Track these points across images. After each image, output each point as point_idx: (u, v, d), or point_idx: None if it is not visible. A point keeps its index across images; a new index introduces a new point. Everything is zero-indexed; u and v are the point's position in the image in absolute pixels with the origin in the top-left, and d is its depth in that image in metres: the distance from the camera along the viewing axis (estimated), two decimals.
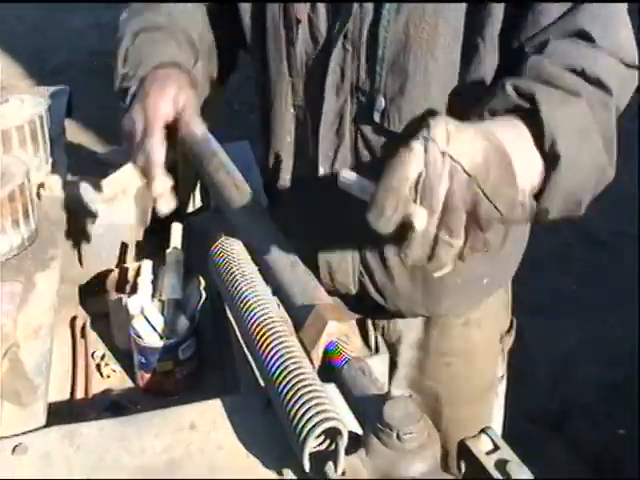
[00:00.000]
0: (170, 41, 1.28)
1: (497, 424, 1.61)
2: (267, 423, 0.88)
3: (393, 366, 1.45)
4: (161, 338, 1.13)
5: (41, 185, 1.40)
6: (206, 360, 1.18)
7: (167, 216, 1.42)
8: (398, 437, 0.76)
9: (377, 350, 1.44)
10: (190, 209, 1.53)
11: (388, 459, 0.76)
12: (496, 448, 0.83)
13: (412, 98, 1.13)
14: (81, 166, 1.67)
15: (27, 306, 1.13)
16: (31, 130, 1.44)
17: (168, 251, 1.22)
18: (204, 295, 1.18)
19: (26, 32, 5.00)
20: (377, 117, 1.16)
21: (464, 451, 0.84)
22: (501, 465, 0.81)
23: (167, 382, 1.13)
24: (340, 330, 0.91)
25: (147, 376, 1.13)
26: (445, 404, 1.47)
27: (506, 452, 0.83)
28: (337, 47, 1.15)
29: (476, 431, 0.85)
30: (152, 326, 1.13)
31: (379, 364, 1.27)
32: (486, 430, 0.85)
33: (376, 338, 1.44)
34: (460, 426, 1.46)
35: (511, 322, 1.52)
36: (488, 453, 0.83)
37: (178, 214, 1.45)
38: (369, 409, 0.81)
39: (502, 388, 1.59)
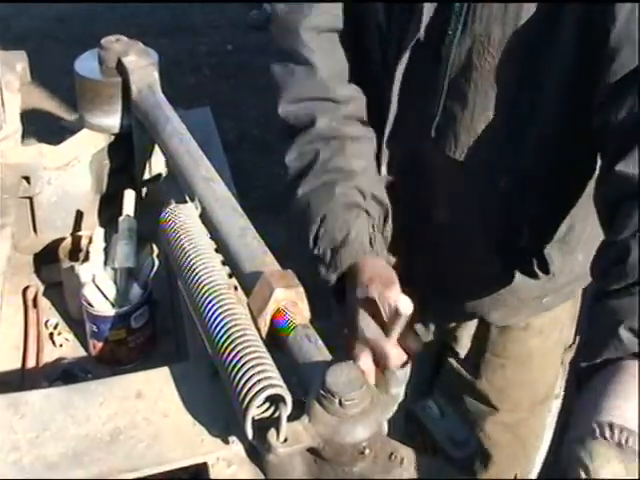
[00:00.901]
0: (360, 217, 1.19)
1: (544, 443, 1.58)
2: (214, 391, 0.87)
3: (444, 362, 1.46)
4: (113, 306, 1.12)
5: None
6: (160, 329, 1.17)
7: (121, 183, 1.42)
8: (340, 403, 0.76)
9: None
10: (146, 176, 1.52)
11: (330, 425, 0.76)
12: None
13: (469, 125, 1.13)
14: (44, 133, 1.64)
15: None
16: None
17: (121, 219, 1.20)
18: (157, 263, 1.16)
19: None
20: (433, 133, 1.16)
21: None
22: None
23: (120, 351, 1.12)
24: (288, 297, 0.90)
25: (99, 345, 1.12)
26: (494, 408, 1.46)
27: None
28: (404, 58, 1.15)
29: (522, 442, 0.82)
30: (104, 294, 1.12)
31: None
32: None
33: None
34: (508, 433, 1.47)
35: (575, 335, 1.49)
36: None
37: (133, 181, 1.43)
38: (313, 376, 0.81)
39: (556, 406, 1.56)
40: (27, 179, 1.34)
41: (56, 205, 1.38)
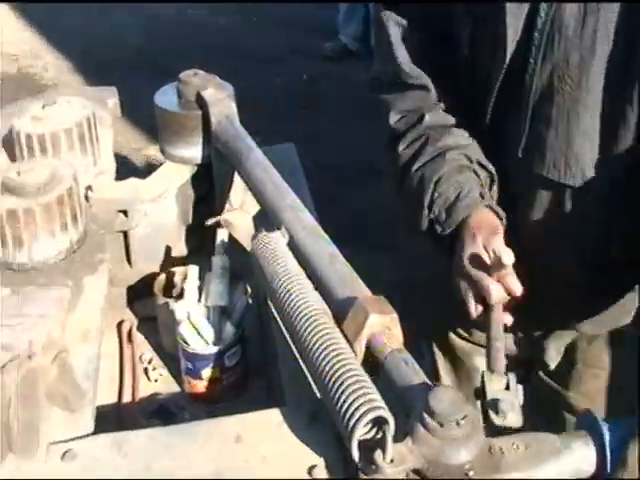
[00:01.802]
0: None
1: None
2: (312, 437, 0.88)
3: (532, 376, 1.47)
4: (207, 345, 1.13)
5: (89, 187, 1.41)
6: (251, 368, 1.18)
7: (203, 213, 1.45)
8: (444, 425, 0.78)
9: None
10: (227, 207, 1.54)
11: (434, 447, 0.78)
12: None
13: (554, 146, 1.20)
14: (126, 164, 1.69)
15: (76, 310, 1.14)
16: (79, 132, 1.45)
17: (214, 257, 1.22)
18: (250, 302, 1.18)
19: (74, 28, 5.06)
20: (520, 153, 1.24)
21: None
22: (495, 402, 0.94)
23: (213, 389, 1.14)
24: (382, 322, 0.92)
25: (193, 382, 1.14)
26: None
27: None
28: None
29: None
30: (199, 332, 1.14)
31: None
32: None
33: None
34: None
35: None
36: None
37: (213, 212, 1.46)
38: (414, 398, 0.83)
39: None
40: (124, 213, 1.37)
41: (149, 237, 1.42)
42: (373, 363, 0.91)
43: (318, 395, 0.91)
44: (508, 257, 1.11)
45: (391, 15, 1.34)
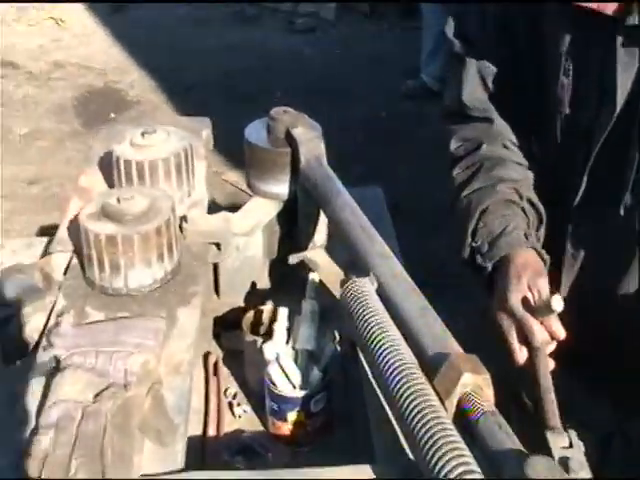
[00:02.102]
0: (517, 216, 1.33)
1: None
2: None
3: (613, 451, 1.45)
4: (294, 388, 1.14)
5: (183, 218, 1.44)
6: (335, 414, 1.19)
7: (286, 249, 1.47)
8: None
9: None
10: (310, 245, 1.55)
11: None
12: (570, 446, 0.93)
13: None
14: (210, 190, 1.72)
15: (168, 341, 1.16)
16: (176, 163, 1.48)
17: (304, 301, 1.24)
18: (338, 349, 1.19)
19: (162, 47, 5.20)
20: (622, 211, 1.24)
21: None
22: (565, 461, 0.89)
23: (298, 433, 1.15)
24: (475, 382, 0.92)
25: (278, 424, 1.15)
26: None
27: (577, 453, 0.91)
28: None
29: None
30: (287, 375, 1.15)
31: None
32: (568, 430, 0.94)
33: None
34: None
35: None
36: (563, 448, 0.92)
37: (296, 249, 1.47)
38: (507, 465, 0.83)
39: None
40: (217, 245, 1.40)
41: (238, 270, 1.44)
42: (463, 423, 0.90)
43: (409, 452, 0.91)
44: (558, 303, 1.11)
45: (470, 51, 1.38)
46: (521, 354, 1.19)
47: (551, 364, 1.17)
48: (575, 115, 1.27)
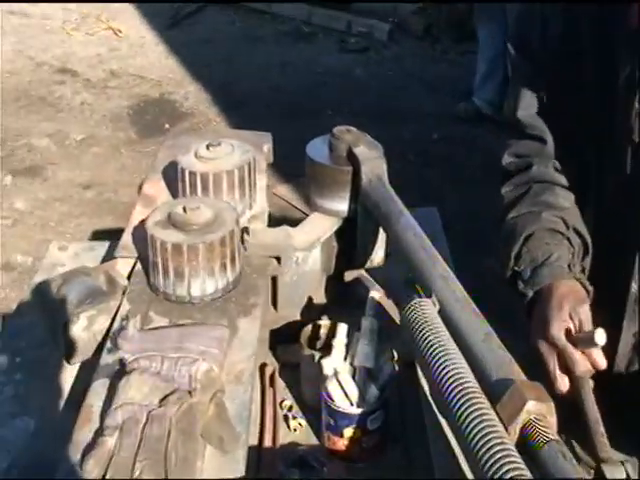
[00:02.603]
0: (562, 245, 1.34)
1: None
2: None
3: None
4: (352, 404, 1.16)
5: (245, 230, 1.47)
6: (390, 432, 1.20)
7: (343, 266, 1.48)
8: None
9: None
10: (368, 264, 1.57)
11: None
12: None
13: None
14: None
15: (230, 351, 1.18)
16: (240, 176, 1.51)
17: (364, 318, 1.25)
18: (396, 368, 1.20)
19: (216, 61, 5.28)
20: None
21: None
22: None
23: (353, 449, 1.16)
24: (539, 410, 0.92)
25: (334, 439, 1.16)
26: None
27: None
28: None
29: None
30: (344, 391, 1.16)
31: None
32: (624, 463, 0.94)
33: None
34: None
35: None
36: None
37: (353, 267, 1.49)
38: None
39: None
40: (277, 259, 1.42)
41: (296, 284, 1.46)
42: (527, 451, 0.90)
43: (469, 473, 0.91)
44: (601, 337, 1.11)
45: (530, 68, 1.39)
46: (563, 382, 1.19)
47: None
48: (600, 172, 1.29)
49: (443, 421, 1.02)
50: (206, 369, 1.09)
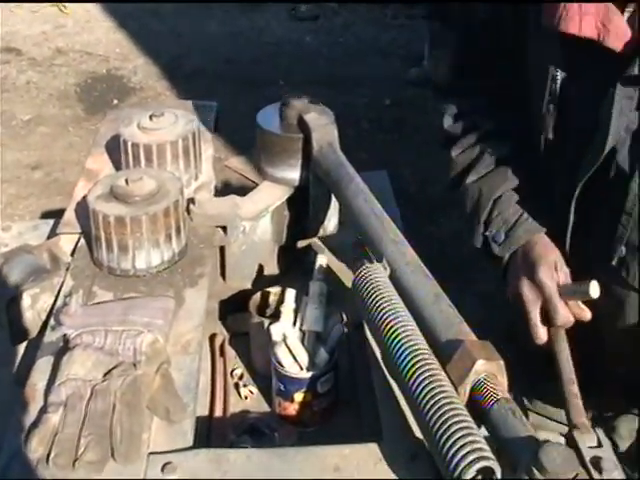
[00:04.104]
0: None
1: None
2: (411, 475, 0.88)
3: None
4: (301, 369, 1.15)
5: (191, 201, 1.45)
6: (341, 395, 1.19)
7: (296, 235, 1.47)
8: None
9: None
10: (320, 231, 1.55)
11: None
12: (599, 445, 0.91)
13: None
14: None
15: (177, 322, 1.17)
16: (184, 146, 1.48)
17: (312, 282, 1.24)
18: (345, 331, 1.19)
19: (165, 34, 5.18)
20: (615, 262, 1.20)
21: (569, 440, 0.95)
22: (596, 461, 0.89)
23: (304, 413, 1.15)
24: (488, 369, 0.92)
25: (285, 404, 1.16)
26: None
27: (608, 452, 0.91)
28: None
29: None
30: (293, 356, 1.15)
31: None
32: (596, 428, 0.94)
33: None
34: None
35: None
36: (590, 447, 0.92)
37: (306, 235, 1.48)
38: (521, 452, 0.82)
39: None
40: (224, 229, 1.40)
41: (244, 254, 1.44)
42: (476, 410, 0.90)
43: (420, 435, 0.91)
44: (595, 290, 1.11)
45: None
46: (543, 331, 1.19)
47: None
48: (560, 144, 1.24)
49: (393, 382, 1.01)
50: (151, 340, 1.08)
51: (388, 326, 0.98)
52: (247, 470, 0.90)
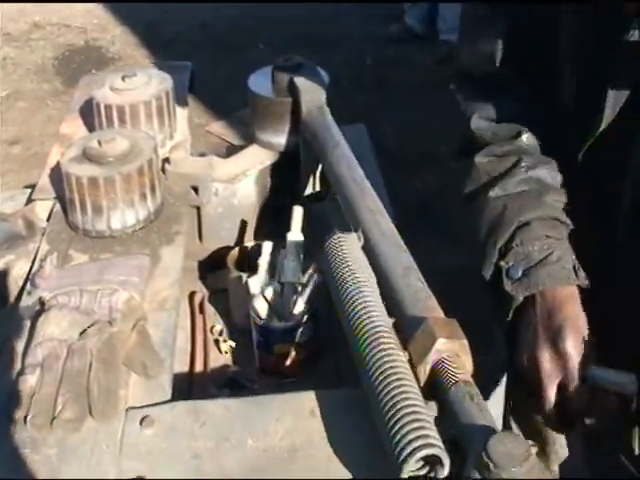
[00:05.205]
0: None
1: None
2: None
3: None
4: (280, 320, 1.14)
5: (166, 160, 1.43)
6: (321, 344, 1.19)
7: (284, 200, 1.44)
8: (502, 476, 0.70)
9: None
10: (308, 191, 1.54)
11: None
12: None
13: None
14: (195, 141, 1.69)
15: (153, 279, 1.16)
16: (158, 106, 1.46)
17: (289, 234, 1.23)
18: (321, 280, 1.18)
19: (142, 2, 5.11)
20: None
21: None
22: None
23: (284, 364, 1.15)
24: (450, 348, 0.86)
25: (265, 356, 1.16)
26: None
27: None
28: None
29: None
30: (272, 307, 1.15)
31: None
32: None
33: None
34: None
35: None
36: None
37: (297, 197, 1.46)
38: (473, 440, 0.75)
39: None
40: (195, 189, 1.39)
41: (221, 216, 1.42)
42: (436, 392, 0.85)
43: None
44: (633, 387, 0.93)
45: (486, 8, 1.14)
46: (556, 415, 1.01)
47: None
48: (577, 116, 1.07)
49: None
50: (126, 298, 1.07)
51: (349, 302, 0.93)
52: (225, 420, 0.90)
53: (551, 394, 1.00)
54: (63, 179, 1.28)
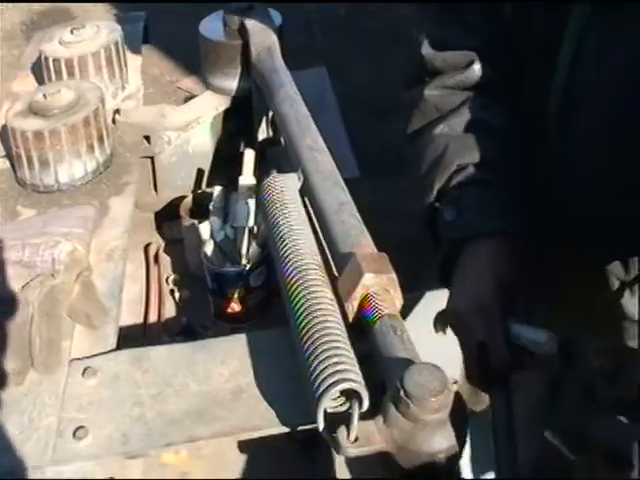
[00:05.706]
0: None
1: None
2: None
3: None
4: (233, 264, 1.12)
5: (117, 111, 1.40)
6: (275, 289, 1.17)
7: (240, 146, 1.42)
8: (418, 408, 0.68)
9: None
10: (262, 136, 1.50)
11: (405, 431, 0.68)
12: None
13: None
14: (157, 93, 1.66)
15: (101, 229, 1.13)
16: (107, 56, 1.43)
17: (240, 178, 1.20)
18: None
19: None
20: None
21: None
22: None
23: (238, 308, 1.13)
24: (378, 283, 0.83)
25: (219, 302, 1.14)
26: None
27: None
28: None
29: None
30: (224, 252, 1.12)
31: None
32: None
33: None
34: None
35: None
36: None
37: (251, 144, 1.43)
38: (393, 373, 0.72)
39: None
40: (147, 139, 1.35)
41: (176, 165, 1.40)
42: (363, 327, 0.82)
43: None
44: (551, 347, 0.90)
45: None
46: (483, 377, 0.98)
47: None
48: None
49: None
50: (69, 249, 1.03)
51: (280, 240, 0.90)
52: (168, 366, 0.88)
53: (472, 351, 0.96)
54: (9, 135, 1.24)
